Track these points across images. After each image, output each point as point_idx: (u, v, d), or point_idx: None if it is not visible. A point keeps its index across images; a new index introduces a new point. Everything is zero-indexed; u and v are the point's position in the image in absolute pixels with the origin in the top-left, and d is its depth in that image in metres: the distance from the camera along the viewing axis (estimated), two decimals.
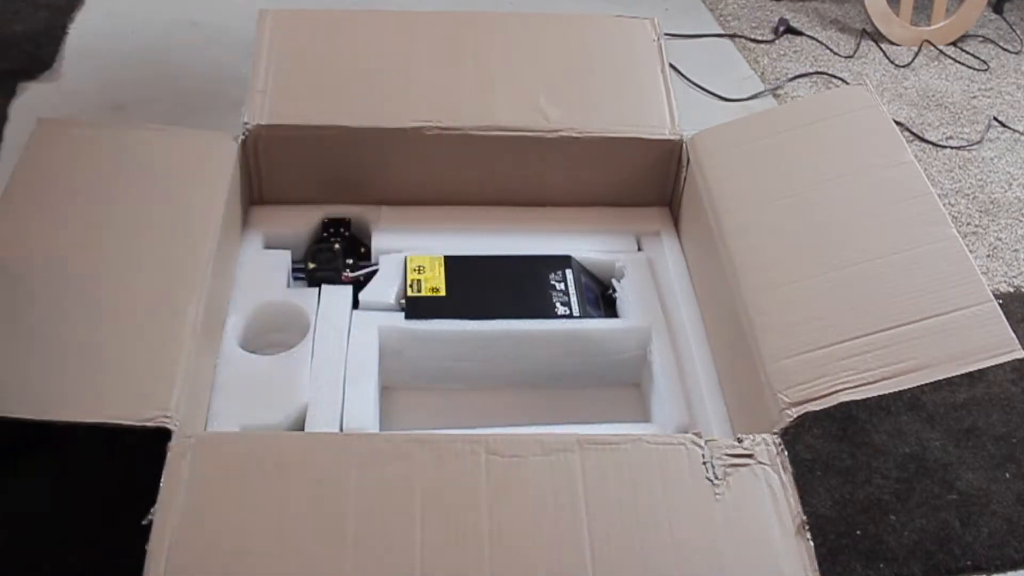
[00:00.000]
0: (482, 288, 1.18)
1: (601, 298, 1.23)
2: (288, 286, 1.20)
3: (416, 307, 1.15)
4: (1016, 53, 2.14)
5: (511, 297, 1.16)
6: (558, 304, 1.17)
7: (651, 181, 1.33)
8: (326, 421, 1.02)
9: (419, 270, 1.18)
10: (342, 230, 1.26)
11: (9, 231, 1.05)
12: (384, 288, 1.18)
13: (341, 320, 1.13)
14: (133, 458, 0.91)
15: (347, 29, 1.36)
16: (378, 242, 1.24)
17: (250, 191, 1.29)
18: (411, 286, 1.17)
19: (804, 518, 0.86)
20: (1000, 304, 1.00)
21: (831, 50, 2.09)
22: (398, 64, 1.34)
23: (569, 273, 1.20)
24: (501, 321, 1.14)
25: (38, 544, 1.01)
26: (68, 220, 1.06)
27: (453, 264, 1.20)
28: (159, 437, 0.89)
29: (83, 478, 1.06)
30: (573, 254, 1.24)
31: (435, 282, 1.17)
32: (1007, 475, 1.19)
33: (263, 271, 1.19)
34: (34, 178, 1.11)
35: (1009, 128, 1.88)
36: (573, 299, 1.17)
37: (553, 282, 1.19)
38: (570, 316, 1.15)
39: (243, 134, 1.24)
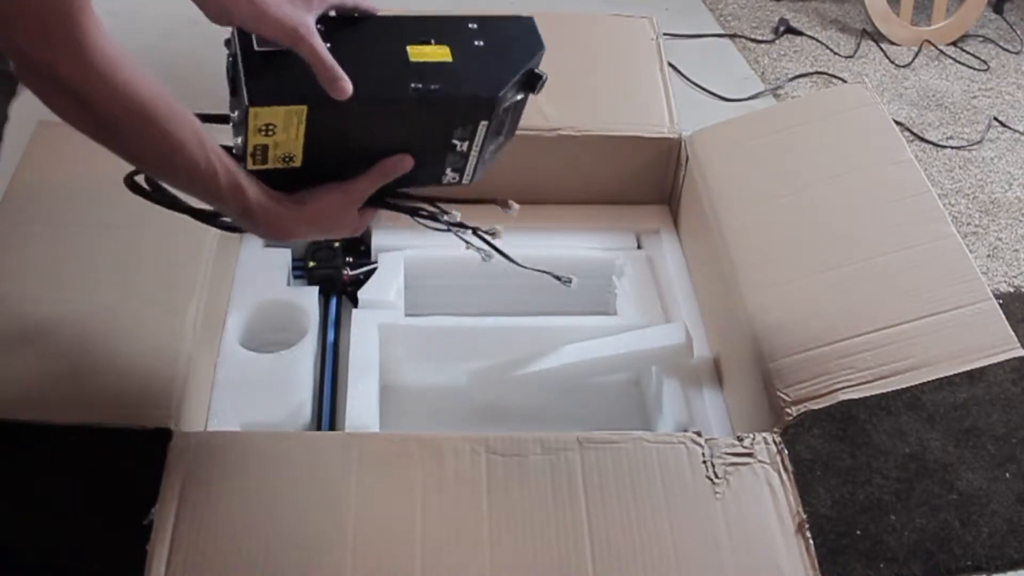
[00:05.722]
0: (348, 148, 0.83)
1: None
2: (288, 284, 1.20)
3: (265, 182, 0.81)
4: (1016, 53, 2.14)
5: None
6: (449, 171, 0.89)
7: (650, 179, 1.33)
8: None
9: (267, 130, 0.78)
10: None
11: (9, 231, 1.05)
12: (384, 286, 1.18)
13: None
14: (133, 458, 0.91)
15: None
16: (378, 240, 1.24)
17: None
18: (254, 155, 0.79)
19: (804, 517, 0.86)
20: (1000, 304, 0.99)
21: (831, 50, 2.09)
22: None
23: (481, 129, 0.84)
24: (500, 318, 1.14)
25: (38, 544, 1.01)
26: (68, 221, 1.06)
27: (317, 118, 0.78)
28: (159, 437, 0.89)
29: (83, 478, 1.06)
30: (573, 252, 1.23)
31: (289, 147, 0.80)
32: (1007, 475, 1.19)
33: (263, 270, 1.19)
34: (34, 179, 1.11)
35: (1009, 128, 1.88)
36: (470, 165, 0.89)
37: (456, 140, 0.85)
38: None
39: None
